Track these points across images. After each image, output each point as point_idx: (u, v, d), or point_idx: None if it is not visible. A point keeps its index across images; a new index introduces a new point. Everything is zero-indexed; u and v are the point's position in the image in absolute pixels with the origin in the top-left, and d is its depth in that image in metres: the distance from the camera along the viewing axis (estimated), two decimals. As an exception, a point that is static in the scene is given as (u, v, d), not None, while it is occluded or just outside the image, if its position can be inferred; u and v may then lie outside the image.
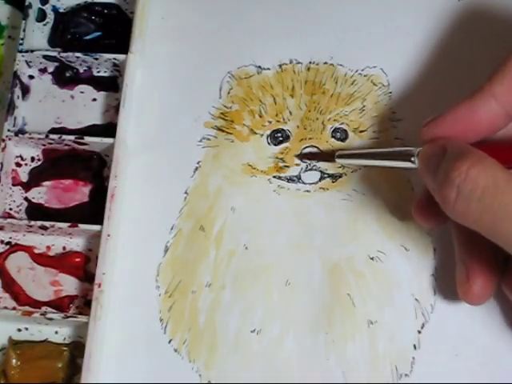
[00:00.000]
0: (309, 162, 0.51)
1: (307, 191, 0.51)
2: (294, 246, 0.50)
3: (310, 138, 0.51)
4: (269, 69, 0.53)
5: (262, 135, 0.52)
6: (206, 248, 0.50)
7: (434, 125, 0.44)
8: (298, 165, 0.51)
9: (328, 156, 0.50)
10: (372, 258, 0.49)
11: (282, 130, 0.52)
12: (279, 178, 0.51)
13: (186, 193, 0.51)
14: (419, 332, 0.48)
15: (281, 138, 0.52)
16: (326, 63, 0.53)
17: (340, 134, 0.51)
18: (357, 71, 0.53)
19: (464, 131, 0.43)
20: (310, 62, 0.53)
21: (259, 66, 0.53)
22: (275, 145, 0.52)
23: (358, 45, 0.53)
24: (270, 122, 0.52)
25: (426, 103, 0.52)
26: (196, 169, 0.52)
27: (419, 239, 0.49)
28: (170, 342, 0.48)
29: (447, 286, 0.48)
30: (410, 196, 0.50)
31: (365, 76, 0.53)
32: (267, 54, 0.54)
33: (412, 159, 0.44)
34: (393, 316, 0.48)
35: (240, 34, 0.54)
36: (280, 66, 0.53)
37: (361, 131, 0.52)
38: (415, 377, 0.47)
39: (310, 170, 0.51)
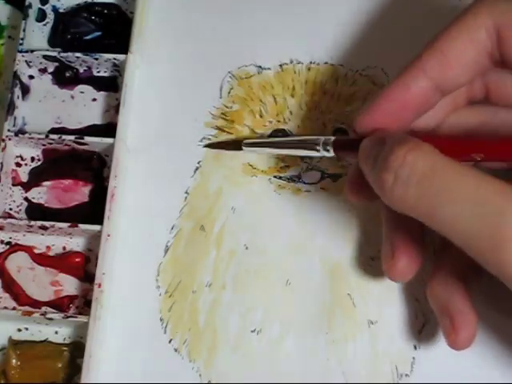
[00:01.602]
0: (309, 161, 0.51)
1: (308, 191, 0.51)
2: (295, 245, 0.50)
3: (310, 138, 0.51)
4: (269, 69, 0.53)
5: (262, 135, 0.52)
6: (206, 248, 0.50)
7: (368, 112, 0.43)
8: (298, 165, 0.51)
9: (236, 145, 0.50)
10: (372, 258, 0.49)
11: (283, 129, 0.52)
12: (279, 177, 0.51)
13: (186, 193, 0.51)
14: (419, 332, 0.48)
15: (281, 138, 0.52)
16: (326, 63, 0.53)
17: (341, 133, 0.51)
18: (357, 71, 0.53)
19: (399, 110, 0.42)
20: (311, 62, 0.53)
21: (260, 66, 0.53)
22: (276, 145, 0.52)
23: (358, 45, 0.53)
24: (270, 122, 0.52)
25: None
26: (196, 169, 0.51)
27: (420, 240, 0.49)
28: (170, 341, 0.48)
29: (447, 286, 0.48)
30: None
31: (365, 76, 0.53)
32: (268, 54, 0.53)
33: (317, 148, 0.46)
34: (393, 316, 0.48)
35: (240, 33, 0.54)
36: (280, 65, 0.53)
37: (361, 131, 0.52)
38: (415, 377, 0.47)
39: (311, 169, 0.51)
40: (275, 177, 0.51)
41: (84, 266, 0.51)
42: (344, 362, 0.48)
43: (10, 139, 0.52)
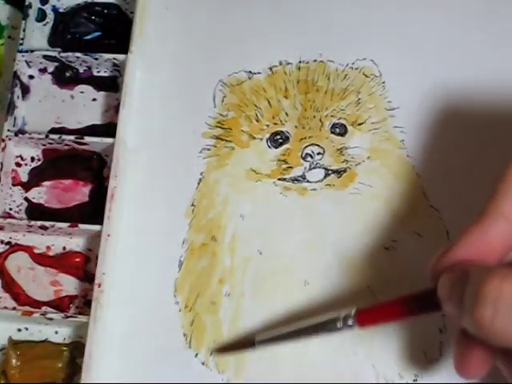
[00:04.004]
0: (311, 160, 0.51)
1: (314, 189, 0.51)
2: (308, 245, 0.50)
3: (309, 137, 0.51)
4: (259, 73, 0.53)
5: (261, 139, 0.52)
6: (220, 258, 0.50)
7: (446, 256, 0.41)
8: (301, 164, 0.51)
9: (247, 344, 0.47)
10: (387, 248, 0.49)
11: (281, 131, 0.52)
12: (284, 179, 0.51)
13: (193, 205, 0.51)
14: (443, 315, 0.48)
15: (280, 140, 0.52)
16: (315, 61, 0.53)
17: (339, 128, 0.52)
18: (347, 65, 0.53)
19: (478, 256, 0.40)
20: (300, 62, 0.53)
21: (250, 71, 0.53)
22: (276, 147, 0.51)
23: (346, 39, 0.54)
24: (267, 126, 0.52)
25: (421, 88, 0.52)
26: (200, 180, 0.51)
27: (431, 224, 0.49)
28: (196, 355, 0.48)
29: (465, 266, 0.48)
30: (416, 182, 0.50)
31: (356, 69, 0.53)
32: (256, 58, 0.54)
33: (338, 325, 0.43)
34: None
35: (227, 40, 0.54)
36: (270, 68, 0.53)
37: (359, 124, 0.52)
38: (445, 361, 0.47)
39: (314, 168, 0.51)
40: (279, 179, 0.51)
41: (84, 266, 0.50)
42: (373, 355, 0.48)
43: (10, 139, 0.51)
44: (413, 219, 0.50)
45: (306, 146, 0.51)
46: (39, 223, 0.50)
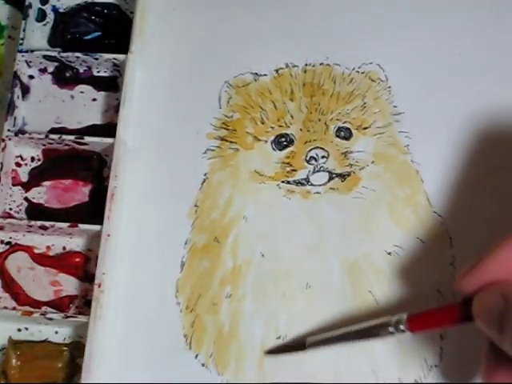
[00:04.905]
0: (316, 163, 0.51)
1: (317, 193, 0.50)
2: (310, 248, 0.50)
3: (314, 140, 0.51)
4: (266, 75, 0.53)
5: (266, 141, 0.52)
6: (222, 259, 0.50)
7: (476, 274, 0.41)
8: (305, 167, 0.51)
9: (298, 346, 0.47)
10: (389, 253, 0.49)
11: (286, 134, 0.52)
12: (288, 182, 0.51)
13: (196, 206, 0.51)
14: (444, 326, 0.48)
15: (285, 143, 0.51)
16: (322, 64, 0.53)
17: (344, 132, 0.51)
18: (354, 69, 0.53)
19: (509, 275, 0.40)
20: (306, 64, 0.53)
21: (256, 73, 0.53)
22: (280, 150, 0.51)
23: (352, 43, 0.54)
24: (272, 128, 0.52)
25: (427, 94, 0.52)
26: (204, 181, 0.51)
27: (434, 230, 0.49)
28: (196, 357, 0.48)
29: (467, 273, 0.48)
30: (419, 188, 0.50)
31: (362, 73, 0.53)
32: (262, 60, 0.53)
33: (390, 329, 0.44)
34: (416, 309, 0.48)
35: (233, 42, 0.54)
36: (276, 70, 0.53)
37: (364, 128, 0.52)
38: (445, 367, 0.47)
39: (318, 171, 0.51)
40: (283, 182, 0.51)
41: (84, 266, 0.51)
42: (373, 360, 0.48)
43: (10, 139, 0.51)
44: (416, 225, 0.50)
45: (311, 149, 0.51)
46: (39, 223, 0.50)
